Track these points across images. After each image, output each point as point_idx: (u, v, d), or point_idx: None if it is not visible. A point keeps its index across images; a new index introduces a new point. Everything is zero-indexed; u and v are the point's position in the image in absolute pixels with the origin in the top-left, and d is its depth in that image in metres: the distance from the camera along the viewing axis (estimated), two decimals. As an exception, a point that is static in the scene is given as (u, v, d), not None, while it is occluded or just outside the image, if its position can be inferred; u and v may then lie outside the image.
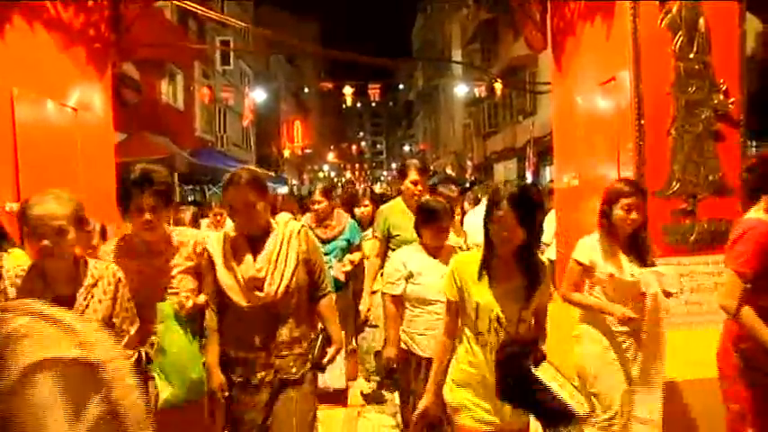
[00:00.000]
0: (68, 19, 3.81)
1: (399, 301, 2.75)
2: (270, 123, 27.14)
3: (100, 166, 4.17)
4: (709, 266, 3.11)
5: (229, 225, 2.39)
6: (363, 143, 75.83)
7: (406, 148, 54.01)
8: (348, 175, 50.43)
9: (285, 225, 2.24)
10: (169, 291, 2.21)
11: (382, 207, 3.73)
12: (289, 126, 32.02)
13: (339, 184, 20.42)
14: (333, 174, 46.20)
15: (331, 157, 48.54)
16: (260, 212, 2.14)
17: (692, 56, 3.02)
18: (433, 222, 2.66)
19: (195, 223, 4.45)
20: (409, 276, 2.68)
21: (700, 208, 3.08)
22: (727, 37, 3.02)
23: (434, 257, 2.70)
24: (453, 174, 26.73)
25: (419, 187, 3.39)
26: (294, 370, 2.17)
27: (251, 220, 2.14)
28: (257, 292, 2.11)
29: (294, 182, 30.34)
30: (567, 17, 3.90)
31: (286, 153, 30.97)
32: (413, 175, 3.39)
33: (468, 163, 25.22)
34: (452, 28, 27.60)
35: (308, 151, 34.84)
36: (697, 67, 3.02)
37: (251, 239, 2.19)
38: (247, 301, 2.11)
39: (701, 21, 3.01)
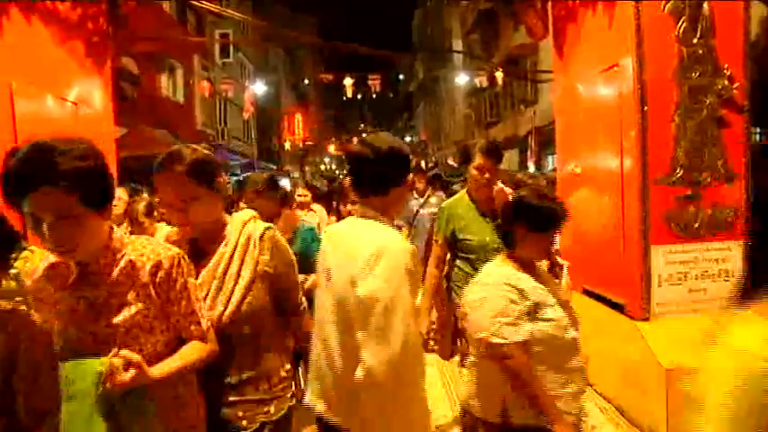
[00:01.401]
0: (65, 12, 3.79)
1: (525, 349, 1.70)
2: (271, 116, 27.08)
3: (101, 161, 4.17)
4: (714, 253, 3.10)
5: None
6: (364, 135, 75.59)
7: (408, 138, 53.90)
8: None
9: (242, 226, 1.62)
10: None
11: (444, 203, 2.98)
12: (290, 119, 31.95)
13: (340, 176, 20.39)
14: (334, 166, 46.14)
15: (332, 149, 48.44)
16: (204, 210, 1.54)
17: (695, 41, 2.98)
18: (548, 228, 1.80)
19: (151, 218, 3.52)
20: (533, 310, 1.72)
21: (704, 195, 3.06)
22: (731, 21, 2.99)
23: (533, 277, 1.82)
24: (455, 164, 26.67)
25: (487, 175, 2.65)
26: (245, 423, 1.55)
27: (190, 220, 1.53)
28: None
29: (296, 174, 30.34)
30: (569, 4, 3.86)
31: (287, 145, 30.94)
32: (477, 158, 2.65)
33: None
34: (452, 18, 27.42)
35: (309, 143, 34.78)
36: (701, 52, 2.99)
37: (195, 245, 1.61)
38: None
39: (705, 5, 2.97)
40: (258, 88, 20.13)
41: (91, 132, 4.08)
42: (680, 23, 2.98)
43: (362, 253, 1.47)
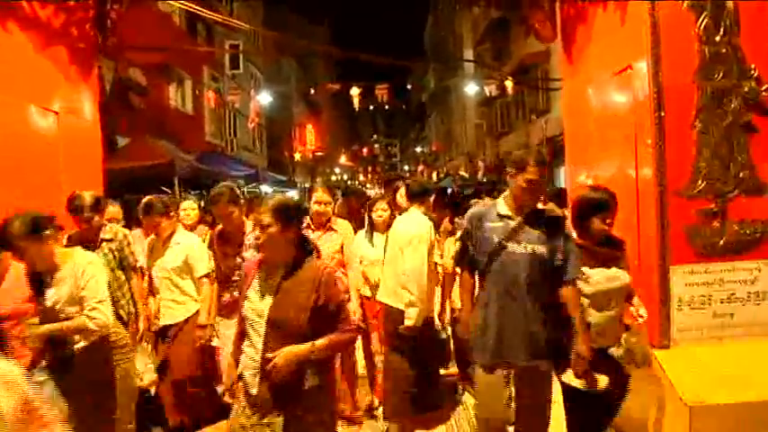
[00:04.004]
0: (47, 18, 3.63)
1: None
2: (281, 127, 27.07)
3: (85, 172, 3.98)
4: (741, 273, 2.80)
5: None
6: (376, 146, 75.58)
7: (418, 149, 53.71)
8: (361, 177, 50.26)
9: None
10: None
11: None
12: (301, 129, 31.96)
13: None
14: (346, 176, 46.11)
15: (343, 159, 48.43)
16: None
17: (718, 39, 2.71)
18: None
19: (97, 212, 3.33)
20: None
21: (729, 209, 2.77)
22: (758, 16, 2.71)
23: None
24: (467, 175, 26.35)
25: None
26: None
27: None
28: None
29: (306, 185, 30.27)
30: (578, 3, 3.60)
31: (297, 156, 30.90)
32: None
33: (480, 164, 24.84)
34: (463, 27, 27.27)
35: (319, 154, 34.74)
36: (724, 51, 2.71)
37: None
38: None
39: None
40: (265, 98, 20.09)
41: (75, 142, 3.90)
42: (701, 20, 2.71)
43: (415, 222, 3.23)
